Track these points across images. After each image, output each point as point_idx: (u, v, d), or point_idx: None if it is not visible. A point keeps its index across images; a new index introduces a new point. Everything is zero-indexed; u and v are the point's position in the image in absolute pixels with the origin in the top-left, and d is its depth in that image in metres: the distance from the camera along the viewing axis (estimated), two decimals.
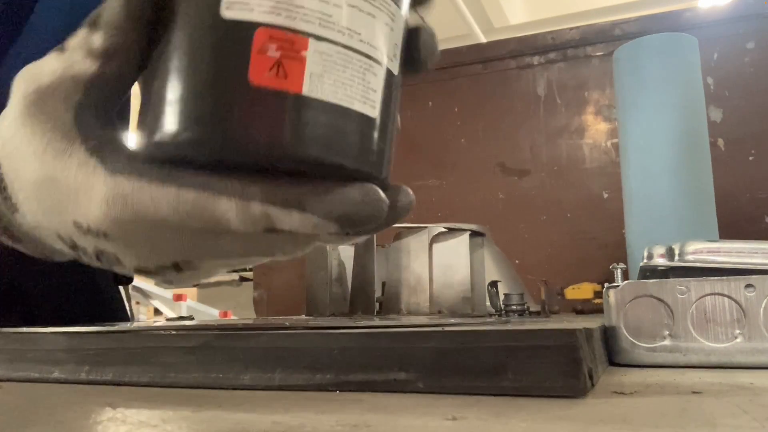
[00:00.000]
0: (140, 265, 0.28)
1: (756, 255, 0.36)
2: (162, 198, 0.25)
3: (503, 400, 0.25)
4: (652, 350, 0.34)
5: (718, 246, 0.37)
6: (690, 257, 0.38)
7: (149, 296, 4.03)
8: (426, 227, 0.70)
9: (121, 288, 0.75)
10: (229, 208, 0.25)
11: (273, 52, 0.24)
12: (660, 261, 0.40)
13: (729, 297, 0.33)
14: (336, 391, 0.28)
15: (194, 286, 4.07)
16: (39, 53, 0.29)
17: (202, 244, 0.27)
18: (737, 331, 0.33)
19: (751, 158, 1.08)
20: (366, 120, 0.26)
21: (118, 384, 0.33)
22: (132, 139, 0.27)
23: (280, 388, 0.29)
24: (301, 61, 0.24)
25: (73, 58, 0.26)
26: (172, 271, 0.28)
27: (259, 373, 0.30)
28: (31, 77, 0.27)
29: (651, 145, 0.71)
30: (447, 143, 1.31)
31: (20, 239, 0.31)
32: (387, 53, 0.26)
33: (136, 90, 0.28)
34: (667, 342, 0.34)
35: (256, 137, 0.24)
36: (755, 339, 0.32)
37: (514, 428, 0.20)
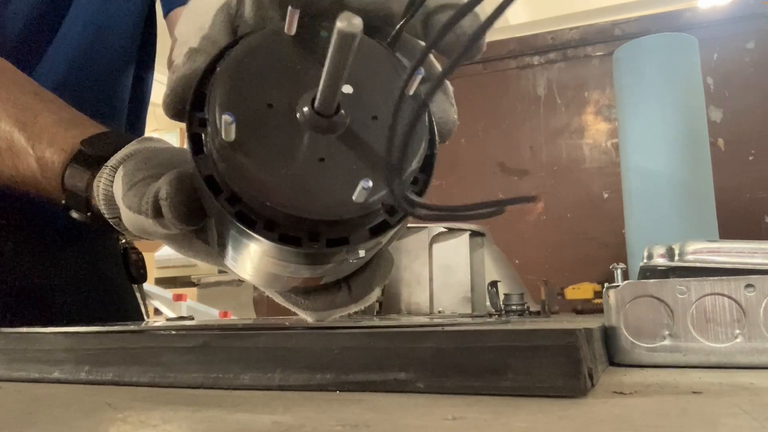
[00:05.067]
0: None
1: (756, 255, 0.36)
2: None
3: (503, 400, 0.25)
4: (652, 350, 0.34)
5: (718, 246, 0.37)
6: (690, 257, 0.38)
7: (149, 296, 4.02)
8: (426, 227, 0.70)
9: (135, 287, 0.75)
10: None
11: None
12: (660, 261, 0.40)
13: (729, 297, 0.33)
14: (336, 391, 0.28)
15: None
16: (68, 58, 0.29)
17: None
18: (737, 331, 0.33)
19: (751, 158, 1.08)
20: None
21: (118, 384, 0.33)
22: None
23: (280, 388, 0.29)
24: None
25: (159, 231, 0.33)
26: None
27: (259, 373, 0.30)
28: None
29: (651, 145, 0.71)
30: (447, 143, 1.30)
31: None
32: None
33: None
34: (667, 342, 0.34)
35: None
36: (755, 339, 0.32)
37: (514, 428, 0.20)
